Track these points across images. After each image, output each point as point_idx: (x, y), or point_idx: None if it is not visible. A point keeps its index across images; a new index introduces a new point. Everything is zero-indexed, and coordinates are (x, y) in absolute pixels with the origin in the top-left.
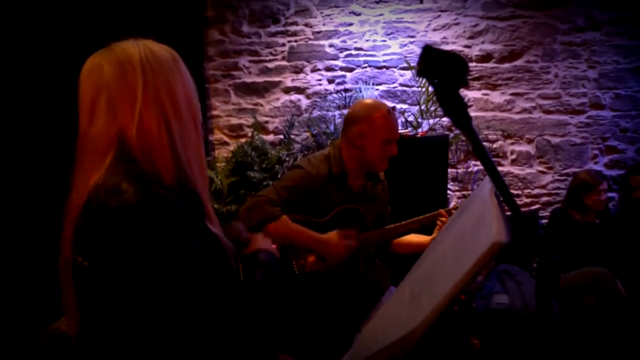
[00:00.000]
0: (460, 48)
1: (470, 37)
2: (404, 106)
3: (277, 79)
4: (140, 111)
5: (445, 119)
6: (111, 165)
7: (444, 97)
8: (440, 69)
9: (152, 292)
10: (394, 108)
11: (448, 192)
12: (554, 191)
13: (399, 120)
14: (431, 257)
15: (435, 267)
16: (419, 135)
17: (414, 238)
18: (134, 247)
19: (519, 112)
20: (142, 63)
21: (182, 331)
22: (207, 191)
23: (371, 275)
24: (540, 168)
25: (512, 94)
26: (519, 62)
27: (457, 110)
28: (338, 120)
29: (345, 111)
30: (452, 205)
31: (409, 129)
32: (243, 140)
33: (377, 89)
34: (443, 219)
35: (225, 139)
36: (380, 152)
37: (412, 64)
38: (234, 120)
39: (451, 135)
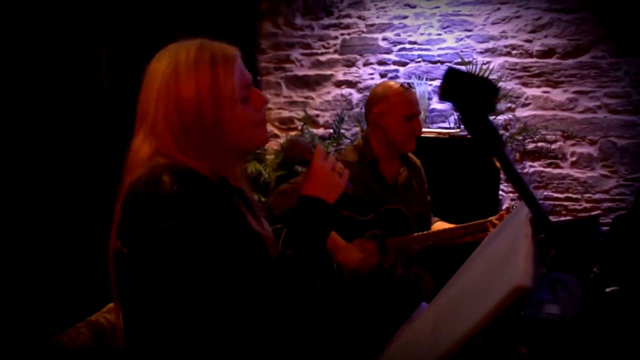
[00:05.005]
0: (520, 42)
1: (532, 31)
2: None
3: (328, 72)
4: (153, 119)
5: (500, 117)
6: (151, 159)
7: (471, 122)
8: (466, 94)
9: (185, 280)
10: (409, 84)
11: (501, 193)
12: (617, 197)
13: (452, 117)
14: (460, 282)
15: (461, 296)
16: None
17: None
18: (169, 234)
19: (581, 112)
20: (161, 78)
21: (215, 318)
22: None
23: (413, 279)
24: (604, 172)
25: (575, 92)
26: (584, 58)
27: (486, 135)
28: None
29: None
30: (504, 207)
31: (462, 127)
32: (293, 133)
33: (430, 84)
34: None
35: (276, 131)
36: (403, 129)
37: (467, 60)
38: (285, 113)
39: (506, 134)
